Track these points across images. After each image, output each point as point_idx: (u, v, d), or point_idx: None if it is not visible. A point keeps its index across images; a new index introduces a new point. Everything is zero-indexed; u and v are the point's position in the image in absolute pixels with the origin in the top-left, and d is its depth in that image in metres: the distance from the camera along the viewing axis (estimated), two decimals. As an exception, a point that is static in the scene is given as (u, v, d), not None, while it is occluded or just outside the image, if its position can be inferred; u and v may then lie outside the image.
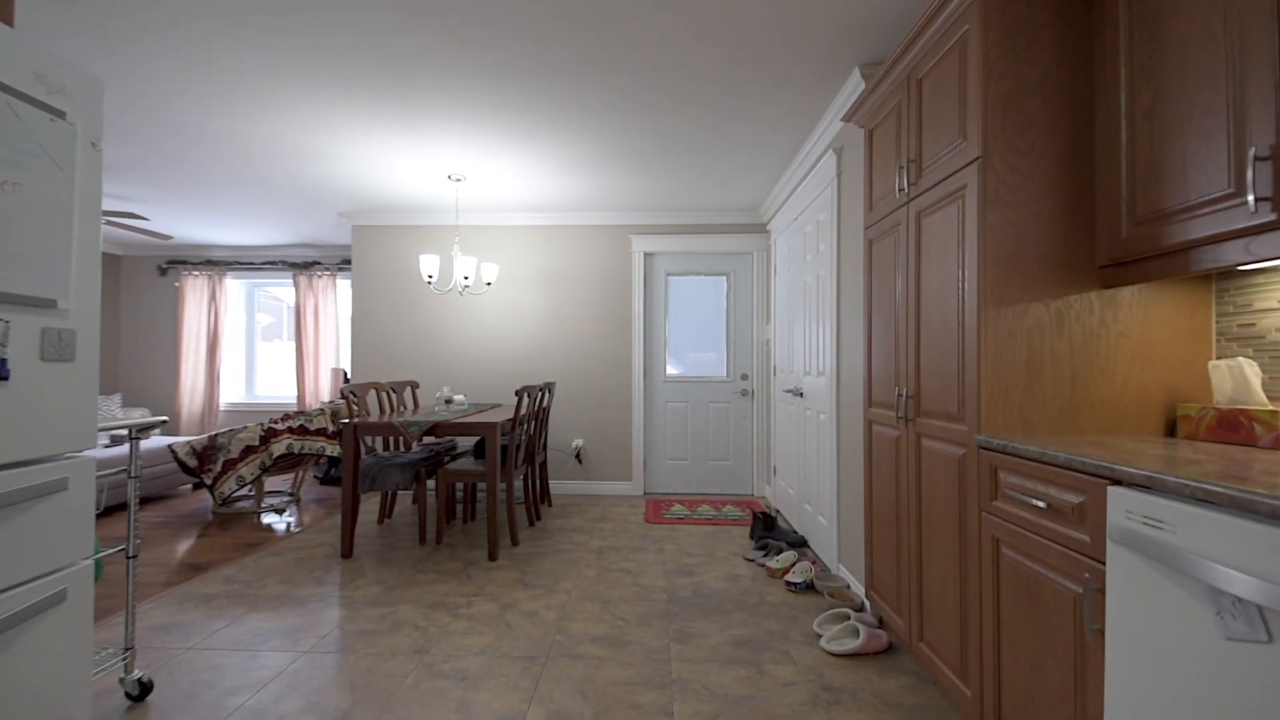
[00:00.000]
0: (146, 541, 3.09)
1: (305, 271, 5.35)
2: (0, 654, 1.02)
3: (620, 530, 3.34)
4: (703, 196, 3.84)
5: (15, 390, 1.05)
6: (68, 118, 1.13)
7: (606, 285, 4.25)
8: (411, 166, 3.26)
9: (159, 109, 2.56)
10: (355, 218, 4.25)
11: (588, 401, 4.22)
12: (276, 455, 3.49)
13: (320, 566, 2.72)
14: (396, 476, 2.93)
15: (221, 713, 1.59)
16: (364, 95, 2.41)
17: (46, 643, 1.11)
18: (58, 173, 1.11)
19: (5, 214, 1.02)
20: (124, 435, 4.32)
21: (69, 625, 1.15)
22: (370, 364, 4.28)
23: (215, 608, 2.27)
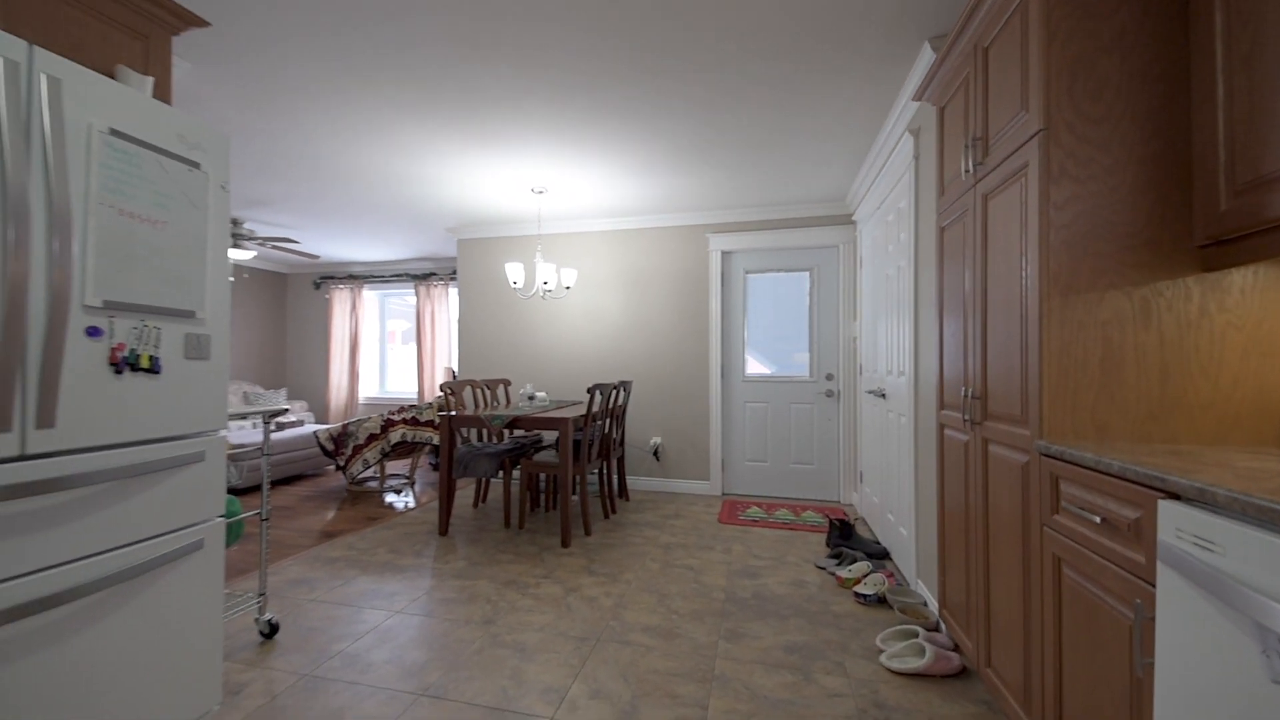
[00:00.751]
0: (295, 511, 3.71)
1: (424, 282, 6.03)
2: (154, 585, 1.33)
3: (691, 528, 3.37)
4: (781, 190, 3.73)
5: (165, 382, 1.36)
6: (201, 167, 1.44)
7: (683, 285, 4.29)
8: (500, 183, 3.56)
9: (299, 151, 3.07)
10: (459, 232, 4.72)
11: (665, 400, 4.30)
12: (394, 443, 4.00)
13: (421, 541, 3.09)
14: (485, 465, 3.23)
15: (327, 655, 1.90)
16: (455, 126, 2.70)
17: (188, 580, 1.42)
18: (194, 211, 1.42)
19: (156, 245, 1.33)
20: (292, 421, 5.19)
21: (204, 568, 1.46)
22: (473, 363, 4.73)
23: (335, 569, 2.68)
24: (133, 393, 1.29)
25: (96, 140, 1.20)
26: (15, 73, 1.07)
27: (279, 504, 3.87)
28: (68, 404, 1.16)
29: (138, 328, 1.30)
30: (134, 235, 1.28)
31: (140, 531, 1.30)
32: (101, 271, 1.22)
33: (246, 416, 1.99)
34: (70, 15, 1.39)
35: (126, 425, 1.27)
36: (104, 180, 1.22)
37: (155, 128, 1.33)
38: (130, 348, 1.28)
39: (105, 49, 1.47)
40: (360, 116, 2.64)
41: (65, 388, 1.16)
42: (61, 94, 1.14)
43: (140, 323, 1.30)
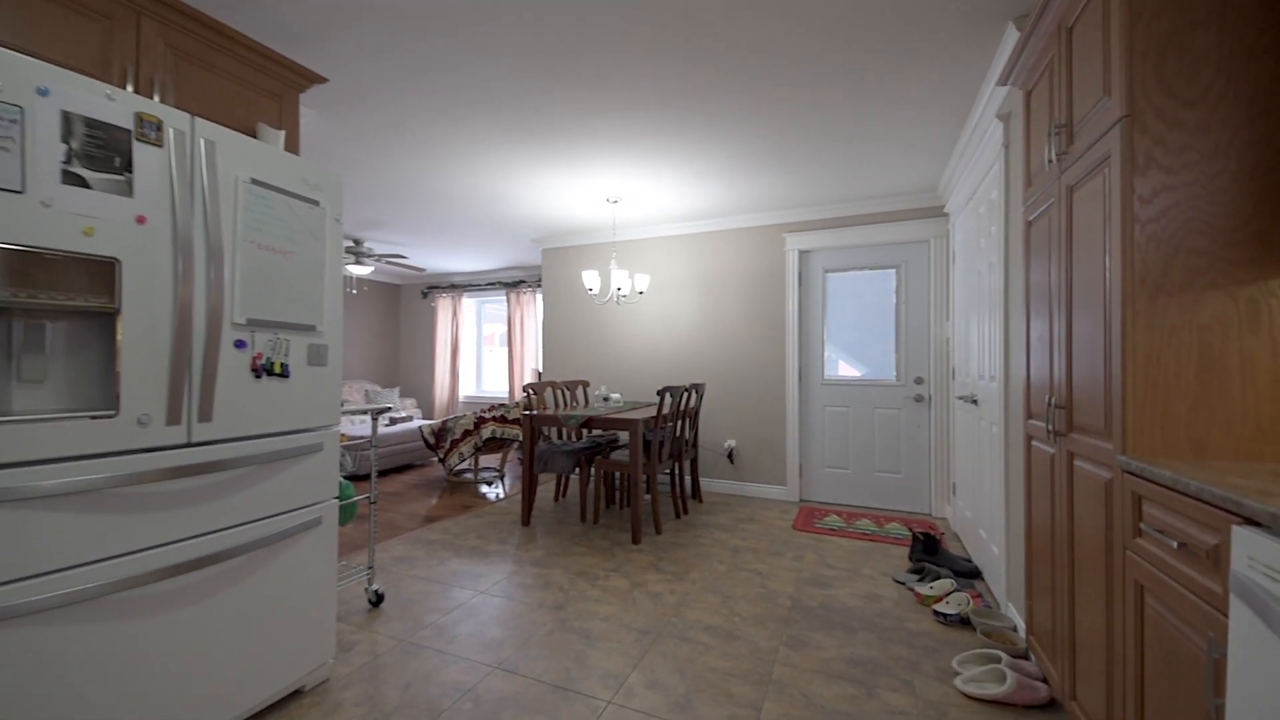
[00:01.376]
0: (403, 496, 4.17)
1: (514, 289, 6.46)
2: (283, 554, 1.61)
3: (763, 533, 3.34)
4: (864, 184, 3.58)
5: (293, 384, 1.64)
6: (320, 204, 1.71)
7: (758, 286, 4.24)
8: (578, 195, 3.75)
9: (405, 178, 3.46)
10: (543, 242, 5.02)
11: (740, 403, 4.27)
12: (485, 438, 4.35)
13: (506, 530, 3.35)
14: (562, 461, 3.43)
15: (421, 625, 2.15)
16: (538, 146, 2.91)
17: (308, 551, 1.69)
18: (315, 241, 1.69)
19: (285, 272, 1.60)
20: (401, 416, 5.80)
21: (321, 542, 1.74)
22: (556, 365, 5.01)
23: (432, 550, 2.99)
24: (268, 393, 1.57)
25: (241, 189, 1.49)
26: (182, 139, 1.36)
27: (390, 490, 4.36)
28: (221, 402, 1.45)
29: (272, 340, 1.58)
30: (269, 264, 1.56)
31: (273, 508, 1.58)
32: (245, 295, 1.50)
33: (365, 413, 2.30)
34: (224, 88, 1.72)
35: (264, 420, 1.55)
36: (247, 220, 1.50)
37: (285, 174, 1.60)
38: (267, 356, 1.56)
39: (249, 110, 1.79)
40: (456, 144, 2.93)
41: (219, 389, 1.45)
42: (216, 154, 1.43)
43: (274, 336, 1.58)
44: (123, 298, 1.26)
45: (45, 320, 1.20)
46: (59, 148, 1.16)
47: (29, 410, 1.17)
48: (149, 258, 1.30)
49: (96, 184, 1.21)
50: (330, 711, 1.63)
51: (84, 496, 1.20)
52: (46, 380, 1.20)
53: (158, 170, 1.31)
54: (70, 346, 1.23)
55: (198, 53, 1.64)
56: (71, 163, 1.18)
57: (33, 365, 1.18)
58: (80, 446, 1.19)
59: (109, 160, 1.23)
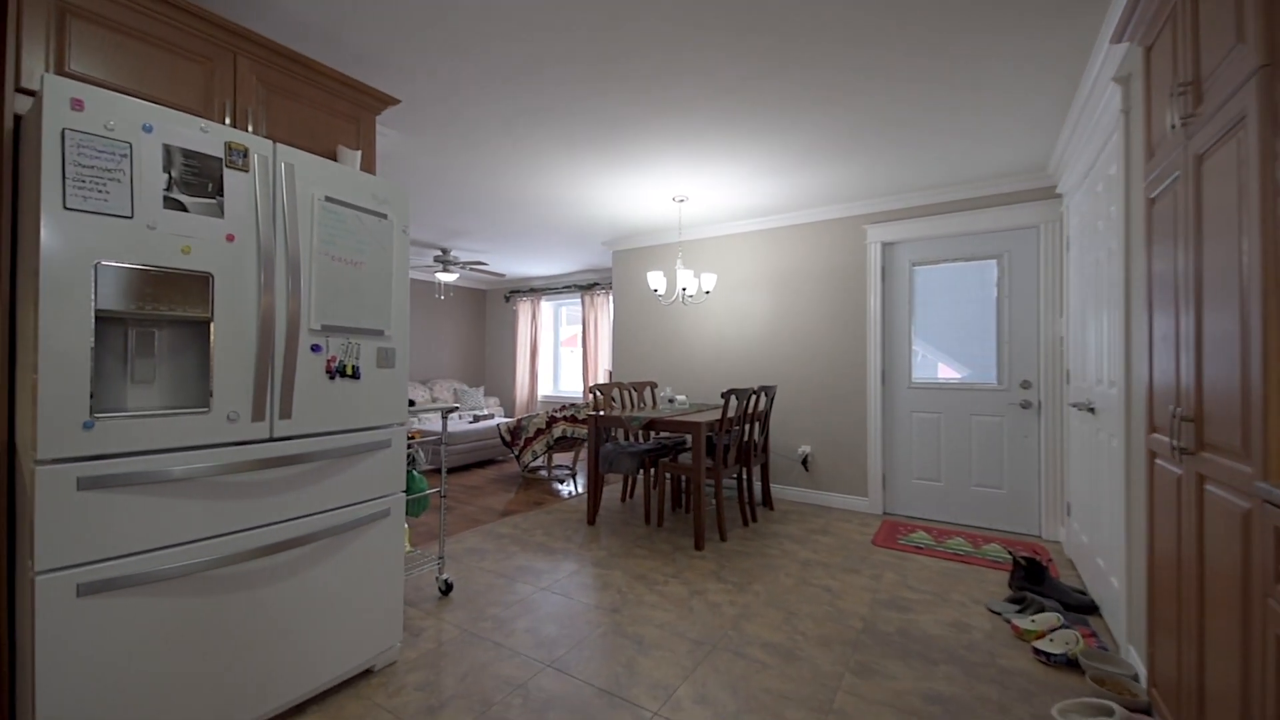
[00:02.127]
0: (482, 490, 4.40)
1: (588, 291, 6.61)
2: (353, 542, 1.74)
3: (838, 547, 3.14)
4: (958, 167, 3.25)
5: (364, 385, 1.76)
6: (388, 217, 1.83)
7: (836, 282, 4.00)
8: (644, 196, 3.75)
9: (482, 187, 3.64)
10: (613, 244, 5.08)
11: (816, 406, 4.05)
12: (556, 437, 4.48)
13: (572, 528, 3.42)
14: (627, 462, 3.44)
15: (483, 616, 2.24)
16: (596, 149, 2.95)
17: (377, 540, 1.82)
18: (383, 252, 1.81)
19: (356, 281, 1.73)
20: (484, 414, 6.14)
21: (389, 532, 1.85)
22: (626, 366, 5.04)
23: (501, 544, 3.12)
24: (341, 393, 1.70)
25: (317, 206, 1.62)
26: (265, 164, 1.50)
27: (470, 484, 4.62)
28: (299, 401, 1.59)
29: (344, 344, 1.71)
30: (341, 274, 1.69)
31: (345, 499, 1.71)
32: (320, 303, 1.63)
33: (435, 412, 2.44)
34: (308, 115, 1.89)
35: (337, 418, 1.69)
36: (321, 235, 1.63)
37: (356, 191, 1.73)
38: (340, 359, 1.69)
39: (330, 133, 1.96)
40: (526, 152, 3.04)
41: (297, 389, 1.59)
42: (294, 175, 1.57)
43: (346, 340, 1.71)
44: (215, 307, 1.42)
45: (154, 328, 1.38)
46: (161, 177, 1.33)
47: (141, 407, 1.35)
48: (237, 271, 1.45)
49: (193, 207, 1.38)
50: (394, 693, 1.73)
51: (184, 484, 1.36)
52: (155, 381, 1.38)
53: (244, 193, 1.47)
54: (172, 351, 1.40)
55: (285, 85, 1.81)
56: (172, 189, 1.34)
57: (143, 368, 1.36)
58: (179, 440, 1.36)
59: (203, 185, 1.40)
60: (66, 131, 1.19)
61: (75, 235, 1.21)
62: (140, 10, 1.50)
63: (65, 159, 1.19)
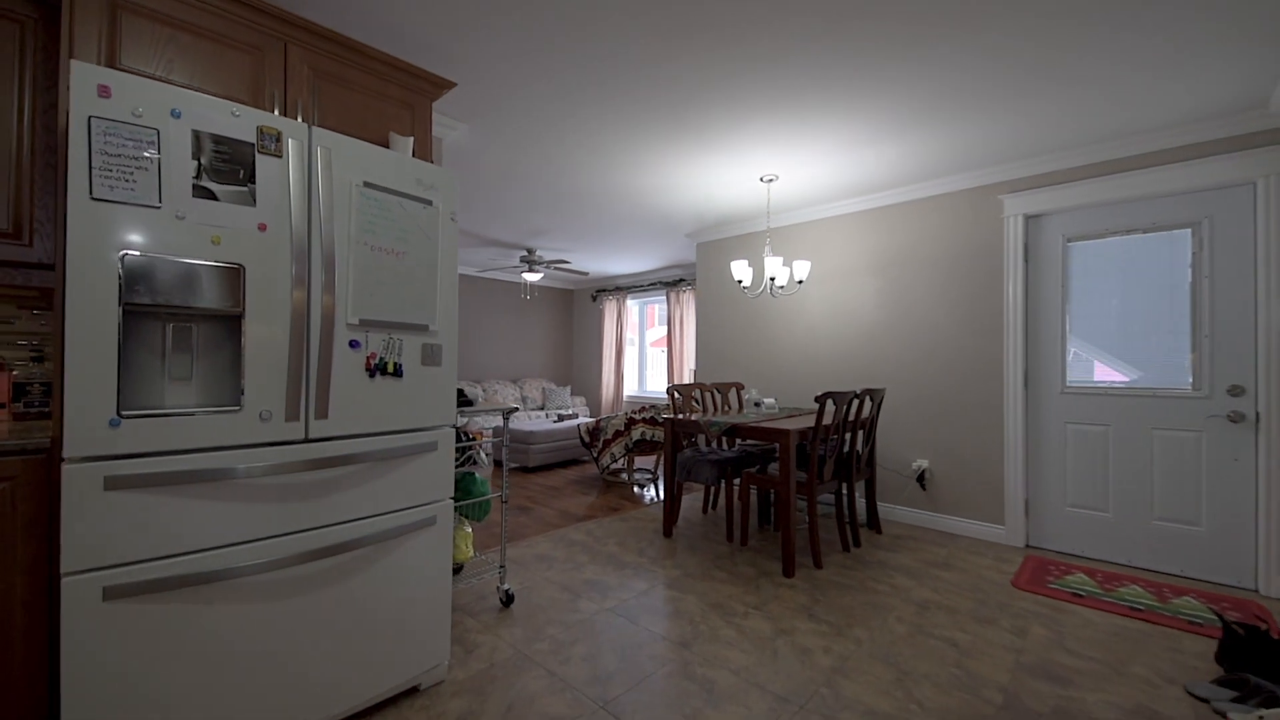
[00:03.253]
0: (560, 492, 4.30)
1: (674, 289, 6.35)
2: (395, 551, 1.62)
3: (966, 586, 2.59)
4: (1134, 110, 2.55)
5: (406, 384, 1.64)
6: (434, 204, 1.70)
7: (961, 267, 3.37)
8: (729, 178, 3.41)
9: (559, 183, 3.52)
10: (697, 236, 4.77)
11: (935, 414, 3.45)
12: (635, 440, 4.27)
13: (646, 540, 3.17)
14: (706, 471, 3.13)
15: (541, 636, 2.06)
16: (677, 128, 2.68)
17: (423, 550, 1.69)
18: (428, 242, 1.68)
19: (398, 272, 1.61)
20: (568, 414, 6.11)
21: (436, 541, 1.72)
22: (710, 365, 4.71)
23: (571, 552, 2.95)
24: (382, 392, 1.59)
25: (355, 193, 1.52)
26: (300, 149, 1.41)
27: (550, 484, 4.55)
28: (336, 400, 1.49)
29: (386, 340, 1.59)
30: (382, 265, 1.57)
31: (387, 505, 1.60)
32: (358, 296, 1.53)
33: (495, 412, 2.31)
34: (359, 102, 1.81)
35: (378, 418, 1.58)
36: (360, 223, 1.53)
37: (398, 176, 1.61)
38: (380, 356, 1.58)
39: (383, 121, 1.87)
40: (602, 141, 2.85)
41: (334, 388, 1.49)
42: (332, 160, 1.47)
43: (387, 336, 1.60)
44: (246, 301, 1.34)
45: (190, 324, 1.33)
46: (190, 164, 1.27)
47: (179, 405, 1.30)
48: (269, 263, 1.37)
49: (224, 196, 1.31)
50: (435, 718, 1.59)
51: (214, 486, 1.30)
52: (193, 378, 1.33)
53: (277, 179, 1.38)
54: (210, 347, 1.35)
55: (336, 72, 1.75)
56: (201, 177, 1.28)
57: (180, 364, 1.31)
58: (210, 439, 1.29)
59: (234, 173, 1.32)
60: (93, 119, 1.15)
61: (102, 226, 1.16)
62: (191, 4, 1.47)
63: (92, 147, 1.15)
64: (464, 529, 2.33)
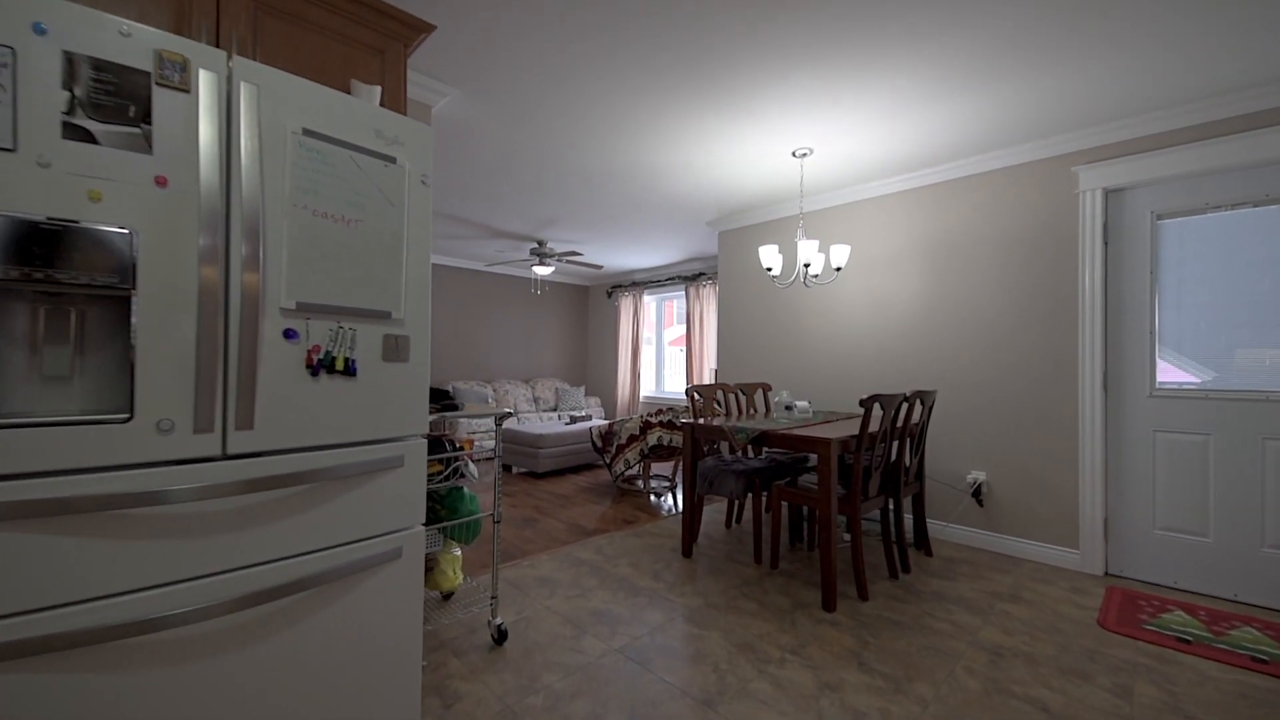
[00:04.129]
0: (569, 501, 3.98)
1: (693, 283, 5.98)
2: (350, 592, 1.30)
3: (1043, 626, 2.18)
4: (1244, 58, 2.12)
5: (362, 384, 1.32)
6: (398, 162, 1.38)
7: (1024, 251, 2.94)
8: (756, 153, 3.04)
9: (565, 163, 3.20)
10: (719, 224, 4.40)
11: (993, 419, 3.03)
12: (651, 445, 3.92)
13: (662, 560, 2.82)
14: (731, 483, 2.77)
15: (535, 687, 1.74)
16: (702, 99, 2.33)
17: (385, 589, 1.37)
18: (391, 208, 1.36)
19: (350, 245, 1.29)
20: (581, 415, 5.79)
21: (402, 578, 1.40)
22: (733, 364, 4.34)
23: (578, 574, 2.62)
24: (330, 396, 1.27)
25: (291, 142, 1.20)
26: (215, 83, 1.10)
27: (559, 492, 4.23)
28: (265, 406, 1.18)
29: (334, 329, 1.28)
30: (328, 235, 1.26)
31: (335, 536, 1.28)
32: (296, 273, 1.21)
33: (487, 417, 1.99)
34: (317, 44, 1.51)
35: (323, 428, 1.26)
36: (298, 181, 1.21)
37: (350, 124, 1.29)
38: (326, 350, 1.27)
39: (346, 69, 1.56)
40: (611, 109, 2.51)
41: (263, 390, 1.17)
42: (259, 99, 1.16)
43: (336, 324, 1.28)
44: (138, 277, 1.03)
45: (70, 307, 1.02)
46: (59, 95, 0.96)
47: (55, 412, 0.99)
48: (170, 227, 1.06)
49: (105, 138, 1.00)
50: (395, 805, 1.27)
51: (95, 517, 0.99)
52: (75, 377, 1.02)
53: (182, 120, 1.07)
54: (97, 338, 1.04)
55: (285, 5, 1.44)
56: (75, 113, 0.97)
57: (55, 360, 1.01)
58: (89, 457, 0.99)
59: (122, 109, 1.01)
60: (-91, 26, 0.85)
61: (-78, 171, 0.86)
62: (87, -96, 1.18)
63: (-94, 64, 0.85)
64: (451, 552, 2.02)
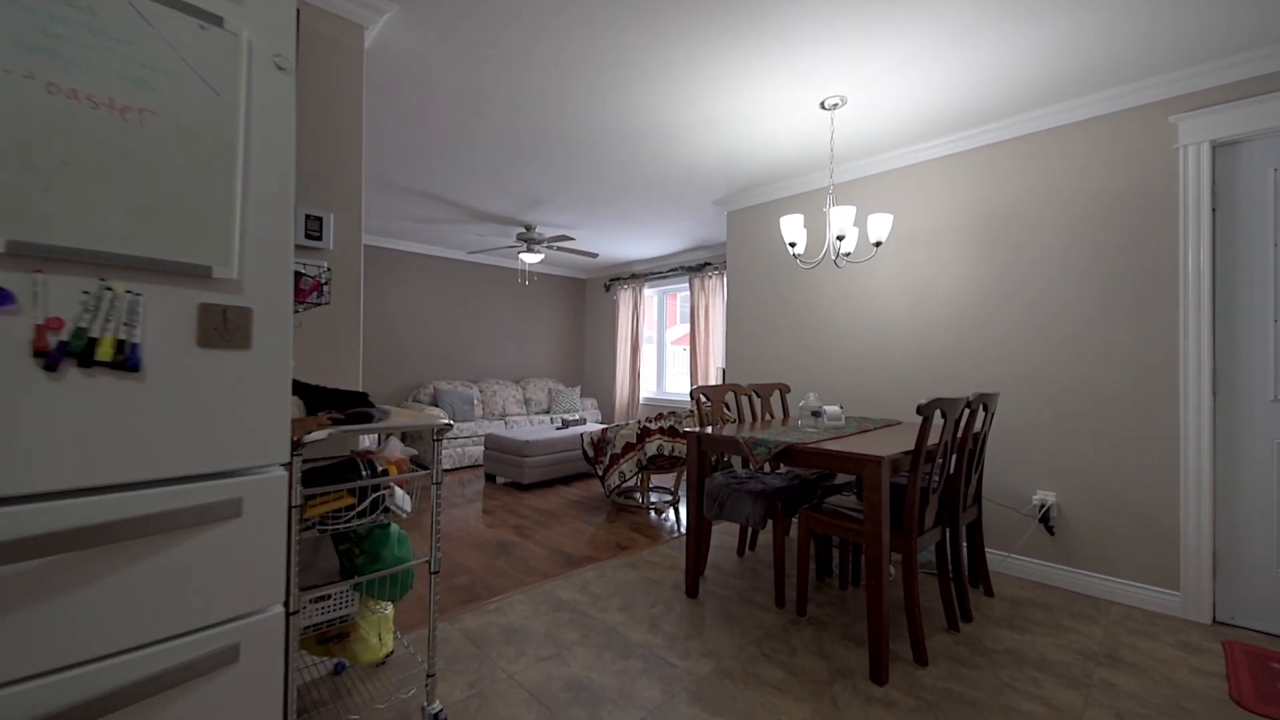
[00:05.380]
0: (555, 519, 3.46)
1: (698, 274, 5.45)
2: None
3: (1159, 704, 1.65)
4: None
5: (154, 383, 0.80)
6: (226, 24, 0.86)
7: (1105, 222, 2.41)
8: (781, 106, 2.51)
9: (539, 118, 2.68)
10: (728, 203, 3.86)
11: (1065, 429, 2.49)
12: (650, 455, 3.40)
13: (663, 601, 2.30)
14: (747, 507, 2.24)
15: (480, 809, 1.21)
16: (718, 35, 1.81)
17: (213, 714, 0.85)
18: (212, 99, 0.84)
19: (129, 151, 0.77)
20: (575, 419, 5.24)
21: (243, 690, 0.88)
22: (744, 361, 3.80)
23: (555, 623, 2.10)
24: (91, 403, 0.75)
25: (-8, -44, 0.68)
26: None
27: (545, 507, 3.71)
28: (-67, 423, 0.66)
29: (92, 293, 0.76)
30: (81, 130, 0.74)
31: (108, 641, 0.76)
32: (6, 194, 0.69)
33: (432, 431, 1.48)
34: None
35: (81, 459, 0.74)
36: (12, 29, 0.69)
37: (129, -50, 0.78)
38: (75, 326, 0.75)
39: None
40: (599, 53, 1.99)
41: (-74, 394, 0.66)
42: None
43: (98, 284, 0.76)
44: None
45: None
46: None
47: None
48: None
49: None
50: None
51: None
52: None
53: None
54: None
55: None
56: None
57: None
58: None
59: None
60: None
61: None
62: None
63: None
64: (375, 614, 1.50)
